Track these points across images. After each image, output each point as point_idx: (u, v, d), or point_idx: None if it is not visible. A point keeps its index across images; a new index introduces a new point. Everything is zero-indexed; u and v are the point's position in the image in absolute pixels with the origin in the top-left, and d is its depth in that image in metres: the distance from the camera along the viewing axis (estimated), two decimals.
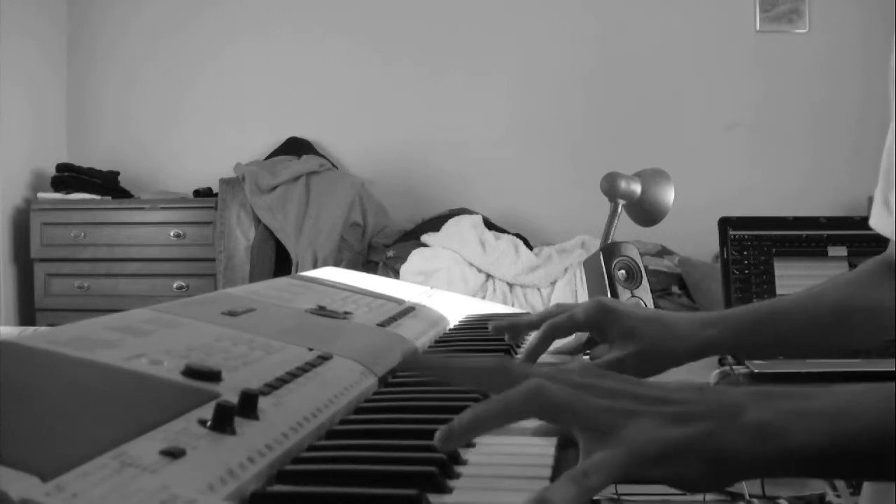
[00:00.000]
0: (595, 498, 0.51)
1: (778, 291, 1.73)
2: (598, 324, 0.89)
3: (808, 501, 0.95)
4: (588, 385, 0.56)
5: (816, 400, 0.56)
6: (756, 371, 1.38)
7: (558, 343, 0.93)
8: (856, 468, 0.58)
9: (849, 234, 1.70)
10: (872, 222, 0.97)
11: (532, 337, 0.91)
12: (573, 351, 0.96)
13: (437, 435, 0.53)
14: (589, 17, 4.16)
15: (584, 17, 4.16)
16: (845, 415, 0.55)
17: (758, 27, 4.11)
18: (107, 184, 4.07)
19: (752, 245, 1.72)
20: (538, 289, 3.58)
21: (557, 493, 0.49)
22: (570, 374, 0.58)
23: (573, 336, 0.95)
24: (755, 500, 1.12)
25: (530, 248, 3.74)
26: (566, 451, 0.59)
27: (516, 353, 0.94)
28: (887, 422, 0.54)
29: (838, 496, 0.91)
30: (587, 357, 0.97)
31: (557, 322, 0.90)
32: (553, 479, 0.55)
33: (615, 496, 2.33)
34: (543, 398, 0.54)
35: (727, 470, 0.54)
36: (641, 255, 1.74)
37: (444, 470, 0.54)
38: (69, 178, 4.03)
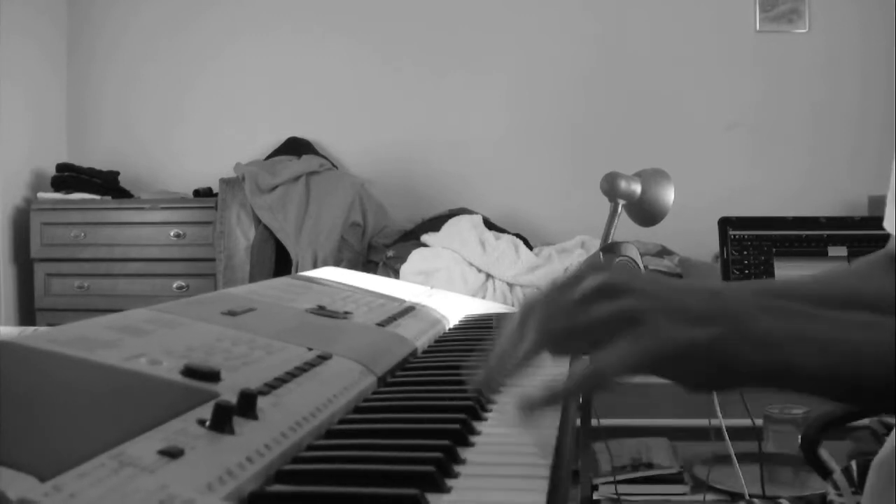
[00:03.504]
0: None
1: None
2: None
3: (808, 501, 0.95)
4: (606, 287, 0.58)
5: (820, 323, 0.58)
6: None
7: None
8: (848, 395, 0.61)
9: (849, 233, 1.70)
10: (886, 223, 0.96)
11: None
12: None
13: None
14: (589, 17, 4.16)
15: (584, 17, 4.16)
16: (844, 344, 0.58)
17: (758, 27, 4.11)
18: (107, 184, 4.07)
19: (752, 245, 1.72)
20: (538, 289, 3.57)
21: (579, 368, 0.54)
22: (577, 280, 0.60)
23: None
24: (756, 500, 1.11)
25: (530, 248, 3.74)
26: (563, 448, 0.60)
27: None
28: (884, 357, 0.57)
29: (840, 495, 0.91)
30: None
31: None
32: (553, 477, 0.56)
33: (615, 496, 2.31)
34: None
35: (730, 375, 0.57)
36: (641, 255, 1.74)
37: (443, 469, 0.54)
38: (69, 177, 4.02)
